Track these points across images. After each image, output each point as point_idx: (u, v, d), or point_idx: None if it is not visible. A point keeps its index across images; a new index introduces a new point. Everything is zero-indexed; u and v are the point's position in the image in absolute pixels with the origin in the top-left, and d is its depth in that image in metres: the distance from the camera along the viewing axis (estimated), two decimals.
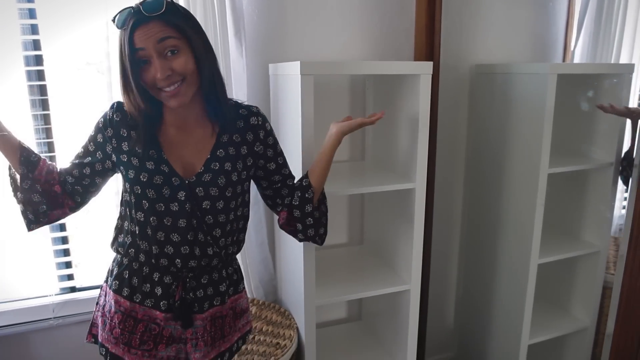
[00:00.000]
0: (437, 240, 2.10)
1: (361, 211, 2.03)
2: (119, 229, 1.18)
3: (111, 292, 1.15)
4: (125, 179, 1.12)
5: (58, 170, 1.18)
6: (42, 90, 1.62)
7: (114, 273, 1.16)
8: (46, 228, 1.68)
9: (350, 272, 1.78)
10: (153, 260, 1.12)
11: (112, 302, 1.14)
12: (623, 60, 1.96)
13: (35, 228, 1.18)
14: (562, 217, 2.07)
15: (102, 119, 1.14)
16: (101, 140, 1.13)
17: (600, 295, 2.00)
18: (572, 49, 2.13)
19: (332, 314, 2.08)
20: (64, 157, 1.65)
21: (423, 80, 1.50)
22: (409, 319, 1.70)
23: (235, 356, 1.33)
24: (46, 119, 1.64)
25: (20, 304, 1.69)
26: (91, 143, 1.15)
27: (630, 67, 1.83)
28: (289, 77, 1.49)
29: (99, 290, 1.75)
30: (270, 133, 1.24)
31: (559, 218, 2.06)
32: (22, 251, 1.69)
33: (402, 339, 1.75)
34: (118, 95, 1.57)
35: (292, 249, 1.63)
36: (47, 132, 1.65)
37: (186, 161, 1.13)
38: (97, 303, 1.22)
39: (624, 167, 1.84)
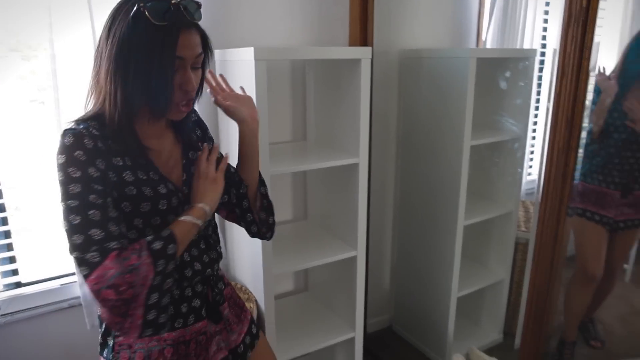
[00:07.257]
0: (373, 210, 2.28)
1: (304, 188, 2.15)
2: None
3: (147, 339, 1.03)
4: (137, 211, 0.96)
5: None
6: None
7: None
8: None
9: (300, 244, 1.90)
10: (186, 283, 1.07)
11: (154, 344, 1.04)
12: (526, 45, 2.26)
13: None
14: (479, 183, 2.34)
15: (80, 152, 0.88)
16: (97, 174, 0.89)
17: (513, 250, 2.31)
18: (483, 35, 2.39)
19: (280, 287, 2.20)
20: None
21: (364, 64, 1.64)
22: (356, 284, 1.87)
23: None
24: None
25: None
26: (93, 184, 0.88)
27: (533, 52, 2.12)
28: (240, 62, 1.56)
29: (45, 283, 1.74)
30: (207, 127, 1.22)
31: (477, 184, 2.33)
32: None
33: (350, 303, 1.92)
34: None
35: None
36: None
37: (169, 171, 1.05)
38: None
39: None
